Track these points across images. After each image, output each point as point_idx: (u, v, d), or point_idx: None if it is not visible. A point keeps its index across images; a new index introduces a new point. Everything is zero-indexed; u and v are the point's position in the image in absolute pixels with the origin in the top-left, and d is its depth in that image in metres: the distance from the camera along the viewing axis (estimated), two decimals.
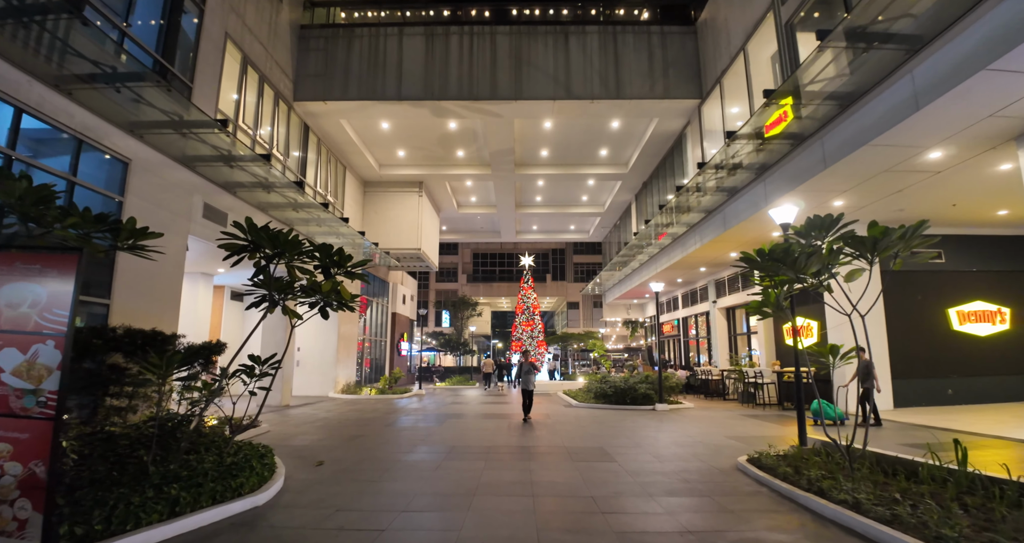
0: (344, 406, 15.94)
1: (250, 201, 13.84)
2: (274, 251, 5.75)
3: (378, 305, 25.98)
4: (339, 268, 6.23)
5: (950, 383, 14.55)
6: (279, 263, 6.34)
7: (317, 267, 6.31)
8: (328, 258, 6.10)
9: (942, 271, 15.16)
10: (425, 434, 9.94)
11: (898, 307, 14.53)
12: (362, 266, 6.32)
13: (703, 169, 13.22)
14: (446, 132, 19.00)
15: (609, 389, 14.95)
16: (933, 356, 14.57)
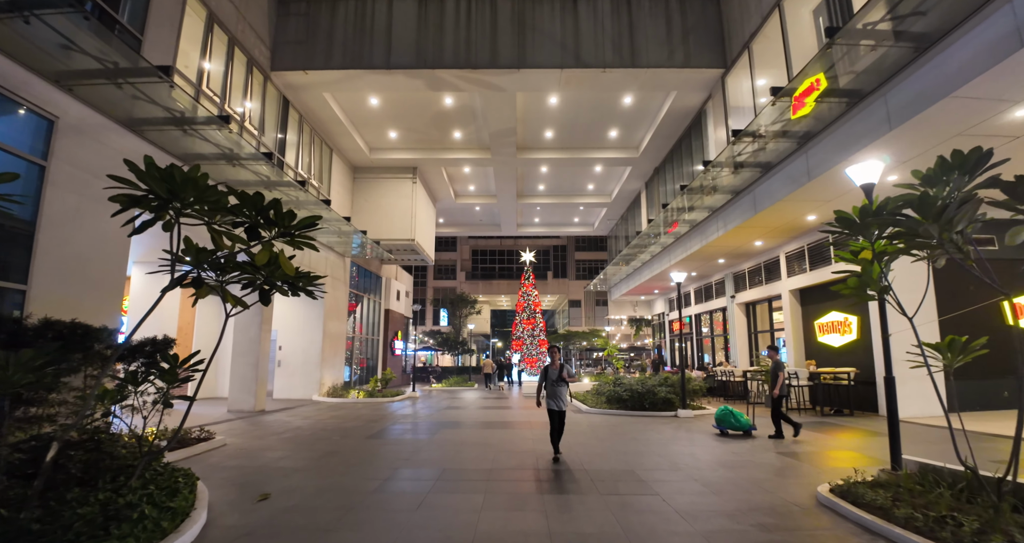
0: (326, 411, 14.20)
1: (214, 177, 12.10)
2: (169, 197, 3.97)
3: (370, 301, 24.24)
4: (274, 229, 4.47)
5: (1006, 384, 12.84)
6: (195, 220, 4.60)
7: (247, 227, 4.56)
8: (256, 212, 4.32)
9: (996, 259, 13.41)
10: (412, 450, 8.20)
11: (950, 299, 12.81)
12: (310, 227, 4.57)
13: (739, 137, 11.46)
14: (441, 110, 17.26)
15: (625, 393, 13.22)
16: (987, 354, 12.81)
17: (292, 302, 18.50)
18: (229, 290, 5.27)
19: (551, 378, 7.71)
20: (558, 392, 7.67)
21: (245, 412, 13.83)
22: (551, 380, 7.71)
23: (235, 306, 5.22)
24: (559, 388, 7.67)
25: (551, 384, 7.72)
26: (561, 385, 7.67)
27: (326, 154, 18.54)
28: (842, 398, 13.36)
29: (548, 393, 7.73)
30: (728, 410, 10.22)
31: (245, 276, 5.16)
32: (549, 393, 7.72)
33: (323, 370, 18.29)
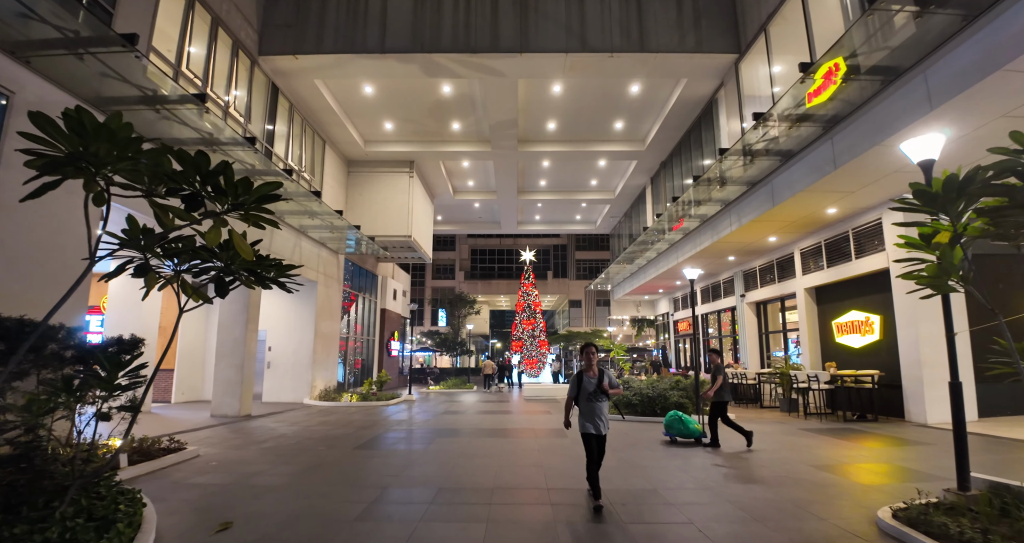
0: (316, 417, 13.35)
1: None
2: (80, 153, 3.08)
3: (366, 300, 23.40)
4: (226, 201, 3.60)
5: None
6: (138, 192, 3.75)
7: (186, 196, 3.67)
8: (201, 178, 3.41)
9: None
10: (404, 463, 7.36)
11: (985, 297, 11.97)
12: (270, 200, 3.70)
13: (760, 121, 10.62)
14: (439, 99, 16.43)
15: (635, 397, 12.38)
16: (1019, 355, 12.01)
17: (282, 301, 17.66)
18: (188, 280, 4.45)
19: (587, 389, 5.51)
20: (596, 409, 5.45)
21: (229, 417, 12.97)
22: (586, 391, 5.50)
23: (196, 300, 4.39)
24: (598, 403, 5.47)
25: (586, 397, 5.50)
26: (601, 399, 5.49)
27: (318, 146, 17.70)
28: (864, 402, 12.54)
29: (582, 410, 5.54)
30: (677, 415, 9.47)
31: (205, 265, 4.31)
32: (584, 410, 5.52)
33: (314, 372, 17.44)
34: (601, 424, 5.45)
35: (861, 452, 8.21)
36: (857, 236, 13.41)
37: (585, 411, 5.51)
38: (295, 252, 16.00)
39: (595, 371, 5.61)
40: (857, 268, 13.38)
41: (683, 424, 9.31)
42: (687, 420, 9.39)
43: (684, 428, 9.28)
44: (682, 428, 9.29)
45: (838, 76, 10.03)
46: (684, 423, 9.33)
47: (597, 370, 5.61)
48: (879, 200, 12.04)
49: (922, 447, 8.51)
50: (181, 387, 16.99)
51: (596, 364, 5.67)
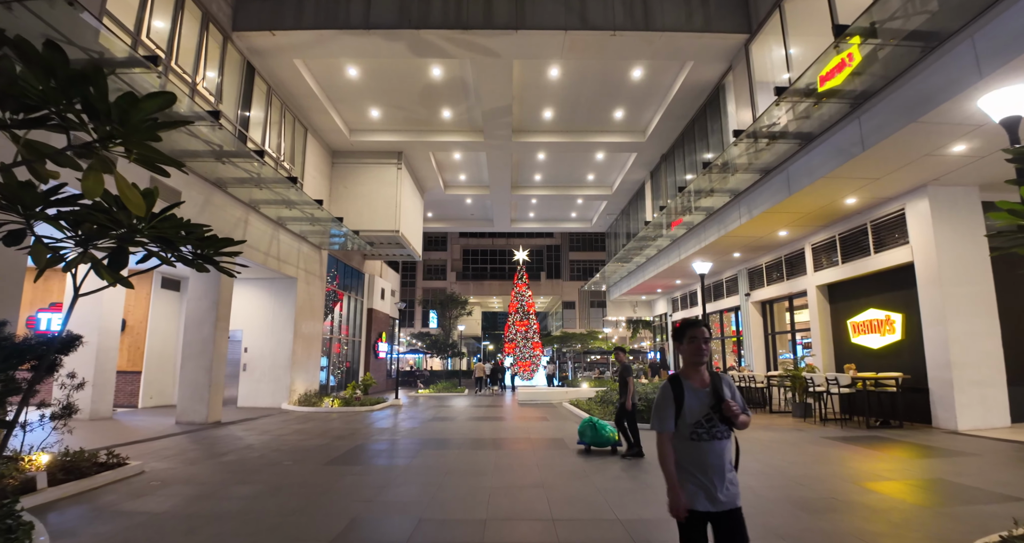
0: (292, 424, 12.24)
1: None
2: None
3: (352, 300, 22.26)
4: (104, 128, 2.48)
5: None
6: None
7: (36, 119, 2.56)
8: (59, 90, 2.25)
9: None
10: (381, 482, 6.28)
11: (1012, 294, 11.11)
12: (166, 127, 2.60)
13: (784, 95, 9.59)
14: (429, 83, 15.39)
15: (640, 403, 11.34)
16: None
17: (260, 298, 16.52)
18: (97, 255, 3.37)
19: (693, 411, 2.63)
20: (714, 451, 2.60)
21: (195, 424, 11.85)
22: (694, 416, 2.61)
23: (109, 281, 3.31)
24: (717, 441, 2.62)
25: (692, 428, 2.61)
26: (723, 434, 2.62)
27: (299, 134, 16.60)
28: (885, 407, 11.60)
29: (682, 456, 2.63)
30: (591, 421, 8.64)
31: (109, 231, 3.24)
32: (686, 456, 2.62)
33: (294, 375, 16.30)
34: (725, 487, 2.60)
35: (900, 464, 7.23)
36: (876, 229, 12.48)
37: (690, 457, 2.63)
38: (272, 246, 14.88)
39: (706, 378, 2.75)
40: (876, 263, 12.45)
41: (595, 431, 8.47)
42: (601, 425, 8.57)
43: (597, 435, 8.44)
44: (592, 435, 8.46)
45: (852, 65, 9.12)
46: (597, 429, 8.48)
47: (713, 377, 2.75)
48: (904, 188, 11.12)
49: (965, 458, 7.55)
50: (149, 391, 15.83)
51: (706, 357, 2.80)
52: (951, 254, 10.73)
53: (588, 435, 8.55)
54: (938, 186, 10.91)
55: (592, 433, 8.51)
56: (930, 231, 10.81)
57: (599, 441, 8.45)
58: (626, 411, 8.28)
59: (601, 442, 8.45)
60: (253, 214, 13.99)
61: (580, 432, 8.71)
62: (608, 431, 8.51)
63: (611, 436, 8.47)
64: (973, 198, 11.02)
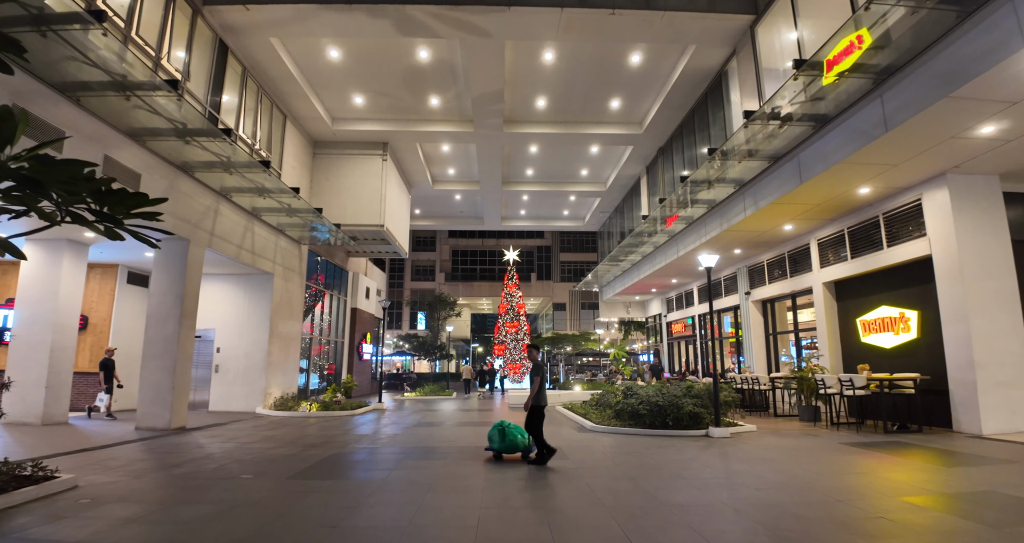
0: (263, 430, 11.27)
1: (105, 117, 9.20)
2: None
3: (335, 299, 21.26)
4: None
5: None
6: None
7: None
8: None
9: None
10: (351, 503, 5.35)
11: None
12: None
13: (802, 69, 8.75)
14: (415, 67, 14.50)
15: (643, 407, 10.49)
16: None
17: (234, 295, 15.51)
18: None
19: None
20: None
21: (156, 431, 10.83)
22: None
23: None
24: None
25: None
26: None
27: (277, 122, 15.63)
28: (900, 410, 10.86)
29: None
30: (500, 425, 7.93)
31: None
32: None
33: (270, 377, 15.28)
34: None
35: (936, 474, 6.43)
36: (889, 221, 11.77)
37: None
38: (246, 238, 13.89)
39: None
40: (889, 258, 11.73)
41: (505, 437, 7.73)
42: (513, 429, 7.86)
43: (503, 442, 7.71)
44: (502, 443, 7.71)
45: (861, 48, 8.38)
46: (508, 434, 7.74)
47: None
48: (922, 177, 10.41)
49: (1005, 466, 6.79)
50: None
51: None
52: (973, 246, 10.02)
53: (496, 441, 7.78)
54: (958, 174, 10.21)
55: (500, 439, 7.74)
56: (950, 222, 10.10)
57: (508, 447, 7.71)
58: (533, 410, 7.53)
59: (507, 448, 7.71)
60: (224, 203, 13.00)
61: (489, 437, 7.97)
62: (518, 436, 7.78)
63: (522, 441, 7.75)
64: (994, 187, 10.34)
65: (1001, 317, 9.82)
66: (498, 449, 7.80)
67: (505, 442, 7.75)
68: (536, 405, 7.58)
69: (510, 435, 7.79)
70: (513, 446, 7.75)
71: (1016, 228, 10.36)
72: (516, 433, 7.84)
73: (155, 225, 3.94)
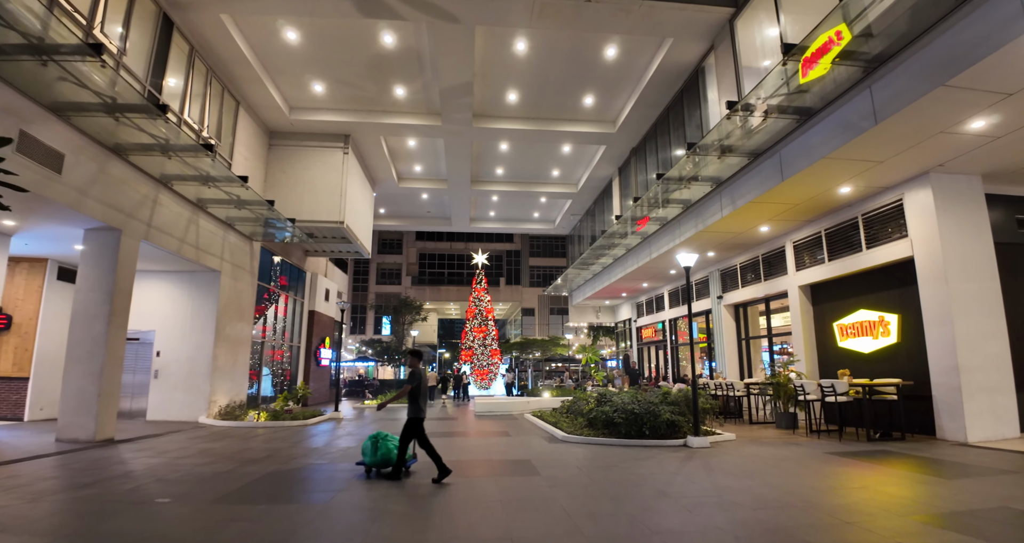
0: (202, 442, 10.18)
1: (23, 87, 8.09)
2: None
3: (291, 301, 20.07)
4: None
5: None
6: None
7: None
8: None
9: None
10: (281, 537, 4.46)
11: (1019, 292, 10.20)
12: None
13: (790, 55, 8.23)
14: (380, 53, 13.64)
15: (618, 415, 9.81)
16: None
17: (175, 295, 14.29)
18: None
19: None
20: None
21: (79, 443, 9.65)
22: None
23: None
24: None
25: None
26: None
27: (229, 108, 14.52)
28: (882, 418, 10.47)
29: None
30: (377, 436, 7.09)
31: None
32: None
33: (216, 384, 14.09)
34: None
35: (939, 488, 5.90)
36: (869, 222, 11.44)
37: None
38: (189, 231, 12.75)
39: None
40: (868, 260, 11.39)
41: (376, 450, 6.92)
42: (390, 440, 7.06)
43: (375, 455, 6.91)
44: (374, 456, 6.91)
45: (842, 44, 7.98)
46: (378, 448, 6.94)
47: None
48: (906, 175, 10.08)
49: (1006, 477, 6.32)
50: (40, 401, 13.38)
51: None
52: (957, 247, 9.70)
53: (369, 453, 6.97)
54: (942, 173, 9.91)
55: (373, 451, 6.92)
56: (933, 222, 9.77)
57: (381, 461, 6.90)
58: (411, 421, 6.71)
59: (383, 462, 6.90)
60: (165, 192, 11.87)
61: (362, 450, 7.13)
62: (395, 448, 6.98)
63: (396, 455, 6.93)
64: (977, 188, 10.09)
65: (985, 320, 9.52)
66: (370, 463, 6.92)
67: (378, 456, 6.88)
68: (413, 417, 6.72)
69: (383, 448, 6.91)
70: (387, 461, 6.89)
71: (998, 230, 10.11)
72: (393, 444, 6.99)
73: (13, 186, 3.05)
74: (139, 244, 11.04)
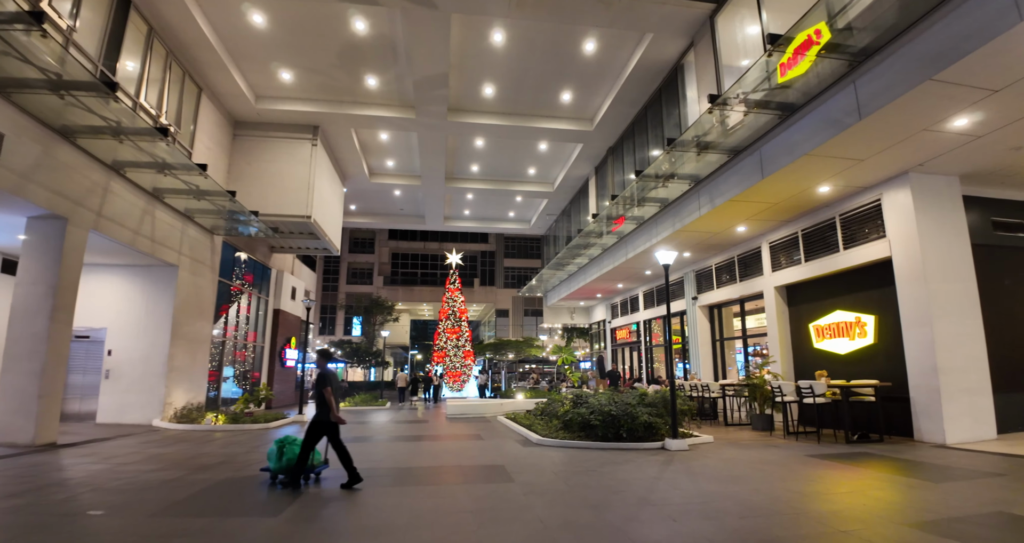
0: (153, 447, 9.51)
1: None
2: None
3: (256, 299, 19.29)
4: None
5: None
6: None
7: None
8: None
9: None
10: None
11: (994, 294, 10.21)
12: None
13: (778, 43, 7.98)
14: (352, 40, 13.11)
15: (595, 417, 9.47)
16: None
17: (129, 290, 13.50)
18: None
19: None
20: None
21: (18, 447, 8.90)
22: None
23: None
24: None
25: None
26: None
27: (190, 94, 13.79)
28: (860, 419, 10.34)
29: None
30: (284, 441, 6.63)
31: None
32: None
33: (172, 385, 13.33)
34: None
35: (933, 494, 5.68)
36: (846, 222, 11.37)
37: None
38: (144, 223, 12.01)
39: None
40: (846, 260, 11.32)
41: (281, 456, 6.46)
42: (294, 445, 6.57)
43: (280, 461, 6.44)
44: (279, 463, 6.44)
45: (821, 42, 7.85)
46: (284, 453, 6.48)
47: None
48: (885, 174, 9.99)
49: (991, 480, 6.17)
50: None
51: None
52: (936, 248, 9.65)
53: (274, 459, 6.48)
54: (921, 174, 9.86)
55: (278, 457, 6.45)
56: (912, 223, 9.70)
57: (286, 467, 6.41)
58: (316, 424, 6.29)
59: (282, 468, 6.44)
60: (118, 180, 11.14)
61: (268, 455, 6.65)
62: (315, 455, 6.60)
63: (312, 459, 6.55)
64: (955, 189, 10.06)
65: (963, 321, 9.47)
66: (275, 469, 6.43)
67: (283, 462, 6.40)
68: (320, 419, 6.29)
69: (290, 453, 6.43)
70: (279, 468, 6.42)
71: (975, 231, 10.10)
72: (295, 447, 6.51)
73: None
74: (87, 234, 10.30)
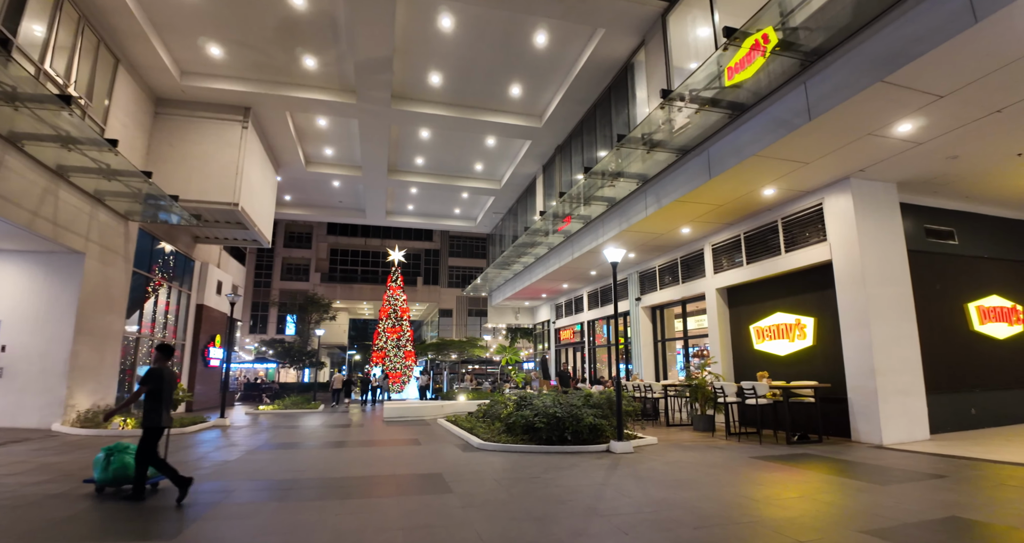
0: (46, 455, 8.40)
1: None
2: None
3: (176, 293, 17.86)
4: None
5: (973, 400, 10.76)
6: None
7: None
8: None
9: (956, 256, 11.48)
10: None
11: (927, 298, 10.56)
12: None
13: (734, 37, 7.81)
14: (289, 16, 12.23)
15: (539, 419, 9.08)
16: (956, 363, 10.76)
17: (27, 280, 12.07)
18: None
19: None
20: None
21: None
22: None
23: None
24: None
25: None
26: None
27: (106, 66, 12.50)
28: (799, 420, 10.43)
29: None
30: (113, 448, 5.96)
31: None
32: None
33: (75, 385, 12.00)
34: None
35: (880, 497, 5.59)
36: (788, 226, 11.52)
37: None
38: (45, 204, 10.71)
39: None
40: (787, 263, 11.47)
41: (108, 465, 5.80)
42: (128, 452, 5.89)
43: (106, 472, 5.78)
44: (104, 473, 5.78)
45: (768, 48, 7.84)
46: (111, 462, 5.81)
47: None
48: (828, 179, 10.14)
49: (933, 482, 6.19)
50: None
51: None
52: (874, 252, 9.86)
53: (100, 469, 5.82)
54: (862, 179, 10.06)
55: (105, 466, 5.79)
56: (852, 228, 9.88)
57: (114, 478, 5.77)
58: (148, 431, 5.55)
59: (117, 479, 5.79)
60: (14, 154, 9.84)
61: (93, 464, 5.99)
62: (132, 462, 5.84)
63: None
64: (892, 196, 10.33)
65: (899, 324, 9.71)
66: (100, 480, 5.73)
67: (110, 472, 5.70)
68: (149, 426, 5.56)
69: (118, 462, 5.72)
70: (124, 477, 5.72)
71: (910, 238, 10.42)
72: (131, 459, 5.76)
73: None
74: None
